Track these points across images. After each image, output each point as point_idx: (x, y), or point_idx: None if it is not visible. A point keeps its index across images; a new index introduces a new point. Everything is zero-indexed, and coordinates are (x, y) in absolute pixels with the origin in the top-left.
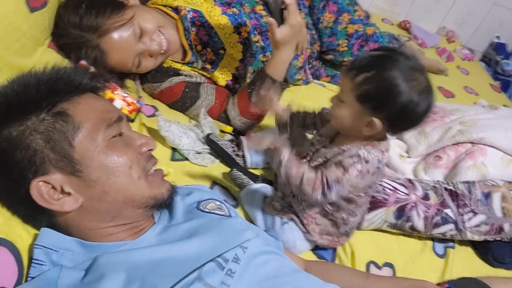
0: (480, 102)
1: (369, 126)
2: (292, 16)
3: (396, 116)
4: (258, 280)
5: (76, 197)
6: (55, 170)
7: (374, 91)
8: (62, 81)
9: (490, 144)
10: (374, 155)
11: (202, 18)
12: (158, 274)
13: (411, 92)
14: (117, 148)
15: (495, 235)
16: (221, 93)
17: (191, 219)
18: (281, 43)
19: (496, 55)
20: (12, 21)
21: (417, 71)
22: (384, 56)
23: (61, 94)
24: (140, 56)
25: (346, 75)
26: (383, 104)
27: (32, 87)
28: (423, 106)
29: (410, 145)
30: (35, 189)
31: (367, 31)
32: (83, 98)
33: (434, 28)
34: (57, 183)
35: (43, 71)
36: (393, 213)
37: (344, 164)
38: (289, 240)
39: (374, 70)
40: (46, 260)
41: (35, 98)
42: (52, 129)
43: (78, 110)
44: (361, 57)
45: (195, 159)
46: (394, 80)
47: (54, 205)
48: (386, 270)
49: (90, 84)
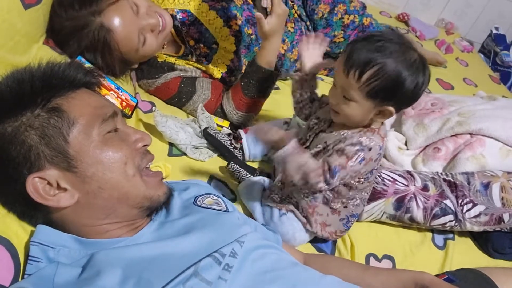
0: (479, 93)
1: (381, 114)
2: (277, 5)
3: (406, 99)
4: (255, 274)
5: (72, 192)
6: (50, 166)
7: (383, 84)
8: (57, 77)
9: (489, 134)
10: (375, 142)
11: (191, 17)
12: (154, 270)
13: (414, 74)
14: (112, 144)
15: (494, 225)
16: (217, 88)
17: (188, 214)
18: (270, 33)
19: (495, 46)
20: (6, 18)
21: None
22: (378, 47)
23: (55, 90)
24: (143, 31)
25: (347, 75)
26: (393, 94)
27: (26, 82)
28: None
29: (409, 137)
30: (31, 185)
31: (364, 21)
32: (77, 94)
33: (432, 20)
34: (52, 179)
35: (38, 67)
36: (392, 204)
37: (347, 152)
38: (288, 231)
39: (376, 65)
40: (43, 257)
41: (29, 94)
42: (47, 125)
43: (73, 106)
44: (357, 54)
45: (192, 153)
46: (397, 68)
47: (50, 201)
48: (385, 262)
49: (85, 79)
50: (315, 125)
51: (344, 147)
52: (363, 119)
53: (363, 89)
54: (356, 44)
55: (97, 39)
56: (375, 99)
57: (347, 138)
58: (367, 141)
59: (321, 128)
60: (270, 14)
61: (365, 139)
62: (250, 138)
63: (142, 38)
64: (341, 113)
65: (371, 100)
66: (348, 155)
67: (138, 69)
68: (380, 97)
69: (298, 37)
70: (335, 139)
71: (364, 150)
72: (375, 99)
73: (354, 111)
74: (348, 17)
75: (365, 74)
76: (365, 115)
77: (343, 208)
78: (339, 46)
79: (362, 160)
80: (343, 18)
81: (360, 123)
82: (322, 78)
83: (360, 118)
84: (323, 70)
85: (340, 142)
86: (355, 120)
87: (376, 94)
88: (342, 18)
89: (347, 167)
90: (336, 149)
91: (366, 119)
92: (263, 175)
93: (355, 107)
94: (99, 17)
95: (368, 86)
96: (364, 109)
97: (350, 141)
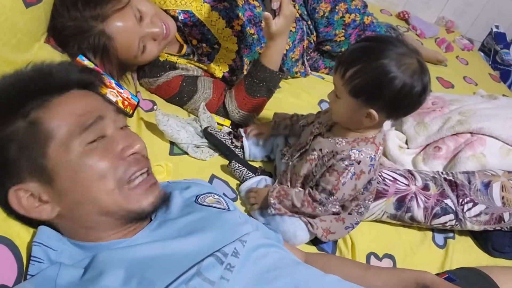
0: (479, 92)
1: (369, 117)
2: (286, 7)
3: (393, 102)
4: (257, 273)
5: (52, 205)
6: (31, 178)
7: (364, 83)
8: (42, 81)
9: (489, 134)
10: (365, 154)
11: (193, 18)
12: (157, 270)
13: (402, 76)
14: (94, 156)
15: (494, 224)
16: (219, 87)
17: (189, 213)
18: (276, 34)
19: (495, 45)
20: (8, 17)
21: (405, 55)
22: (368, 47)
23: (36, 99)
24: (144, 40)
25: (336, 72)
26: (375, 95)
27: (6, 91)
28: (418, 87)
29: (409, 136)
30: (14, 197)
31: (365, 20)
32: (62, 99)
33: (433, 18)
34: (35, 191)
35: (22, 72)
36: (393, 203)
37: (337, 168)
38: (290, 230)
39: (360, 64)
40: (44, 257)
41: (9, 105)
42: (25, 138)
43: (52, 117)
44: (347, 52)
45: (194, 153)
46: (382, 69)
47: (32, 213)
48: (386, 261)
49: (79, 78)
50: (316, 129)
51: (335, 163)
52: (351, 118)
53: (346, 86)
54: (355, 43)
55: (97, 44)
56: (357, 98)
57: (338, 152)
58: (356, 154)
59: (320, 130)
60: (278, 15)
61: (355, 152)
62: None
63: (142, 46)
64: (333, 111)
65: (355, 99)
66: (339, 171)
67: (139, 68)
68: (364, 97)
69: (299, 36)
70: (329, 149)
71: (353, 165)
72: (358, 98)
73: (340, 108)
74: (349, 16)
75: (349, 71)
76: (351, 115)
77: (348, 215)
78: (340, 45)
79: (353, 175)
80: (344, 17)
81: (350, 124)
82: (323, 76)
83: (345, 117)
84: (324, 69)
85: (332, 156)
86: (343, 118)
87: (358, 93)
88: (343, 17)
89: (339, 185)
90: (327, 165)
91: (355, 119)
92: (264, 174)
93: (341, 104)
94: (101, 24)
95: (351, 83)
96: (350, 107)
97: (340, 155)
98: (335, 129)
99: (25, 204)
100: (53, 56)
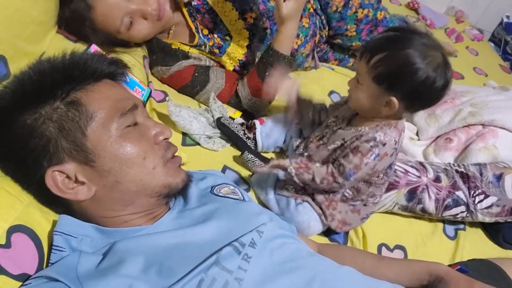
0: (489, 83)
1: (388, 105)
2: None
3: (414, 93)
4: (274, 264)
5: (89, 186)
6: (69, 159)
7: (389, 70)
8: (78, 69)
9: (501, 126)
10: (390, 137)
11: (207, 5)
12: (176, 258)
13: (426, 68)
14: (131, 139)
15: (506, 216)
16: (231, 77)
17: (206, 203)
18: (287, 18)
19: (506, 35)
20: (20, 7)
21: (430, 47)
22: (396, 36)
23: (75, 82)
24: (133, 16)
25: (360, 59)
26: (398, 83)
27: (47, 74)
28: (440, 82)
29: (420, 127)
30: (50, 178)
31: (378, 15)
32: (98, 86)
33: (442, 8)
34: (71, 172)
35: (61, 58)
36: (404, 195)
37: (361, 149)
38: (304, 221)
39: (387, 51)
40: (66, 246)
41: (49, 87)
42: (65, 118)
43: (92, 99)
44: (374, 40)
45: (206, 143)
46: (407, 59)
47: (68, 194)
48: (397, 252)
49: (108, 69)
50: (333, 122)
51: (359, 144)
52: (371, 105)
53: (370, 72)
54: (383, 32)
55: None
56: (380, 85)
57: (363, 135)
58: (382, 136)
59: (339, 126)
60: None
61: (380, 134)
62: (264, 129)
63: (128, 22)
64: (352, 97)
65: (378, 86)
66: (363, 152)
67: (151, 56)
68: (386, 84)
69: (311, 32)
70: (352, 136)
71: (378, 146)
72: (381, 85)
73: (361, 94)
74: (362, 11)
75: (375, 57)
76: (373, 102)
77: (363, 206)
78: (351, 40)
79: (376, 156)
80: (357, 12)
81: (368, 112)
82: (332, 67)
83: (368, 104)
84: (334, 60)
85: (356, 139)
86: (363, 105)
87: (382, 79)
88: (356, 12)
89: (361, 166)
90: (351, 147)
91: (374, 107)
92: None
93: (362, 90)
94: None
95: (375, 69)
96: (371, 94)
97: (365, 137)
98: (355, 121)
99: (61, 185)
100: (66, 46)
